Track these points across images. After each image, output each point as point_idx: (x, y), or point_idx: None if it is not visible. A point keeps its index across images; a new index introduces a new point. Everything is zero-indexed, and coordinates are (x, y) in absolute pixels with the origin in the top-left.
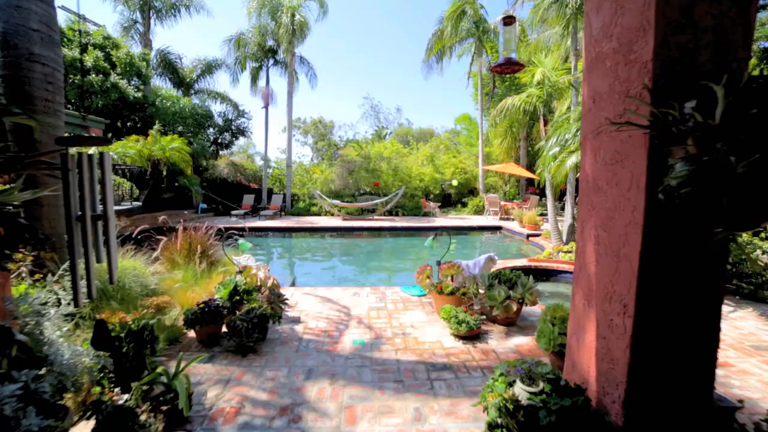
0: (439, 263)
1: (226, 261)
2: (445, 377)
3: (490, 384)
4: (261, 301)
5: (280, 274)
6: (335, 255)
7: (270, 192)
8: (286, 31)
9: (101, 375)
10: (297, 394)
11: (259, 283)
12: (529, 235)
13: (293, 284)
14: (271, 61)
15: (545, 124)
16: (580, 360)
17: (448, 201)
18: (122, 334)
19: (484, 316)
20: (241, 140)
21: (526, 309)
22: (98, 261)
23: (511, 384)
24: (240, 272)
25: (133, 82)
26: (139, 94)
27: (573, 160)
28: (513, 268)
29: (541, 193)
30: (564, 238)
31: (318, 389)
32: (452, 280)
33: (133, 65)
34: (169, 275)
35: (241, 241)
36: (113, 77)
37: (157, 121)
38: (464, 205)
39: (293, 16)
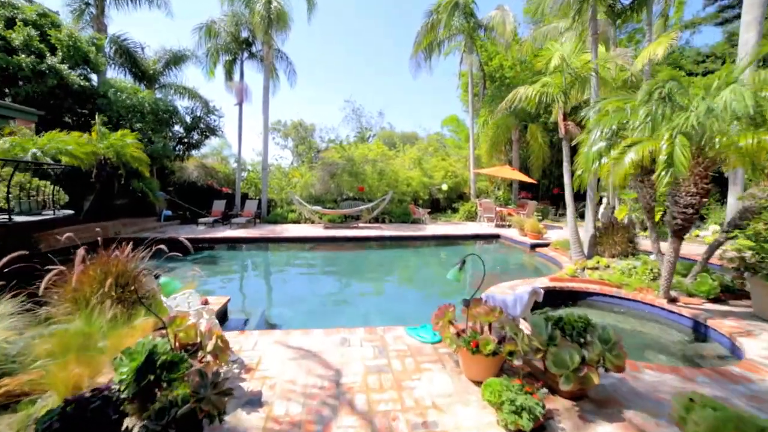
0: (467, 303)
1: (160, 298)
2: None
3: None
4: (192, 382)
5: (248, 300)
6: (315, 271)
7: (244, 197)
8: (261, 20)
9: None
10: None
11: (198, 340)
12: (533, 245)
13: (265, 321)
14: (246, 54)
15: (565, 118)
16: None
17: (437, 206)
18: None
19: (545, 389)
20: (216, 141)
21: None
22: None
23: None
24: (164, 327)
25: (83, 71)
26: (87, 83)
27: (632, 156)
28: None
29: (531, 197)
30: (585, 251)
31: None
32: (489, 329)
33: (79, 50)
34: (59, 328)
35: (163, 279)
36: (51, 60)
37: (98, 114)
38: (455, 210)
39: (269, 2)
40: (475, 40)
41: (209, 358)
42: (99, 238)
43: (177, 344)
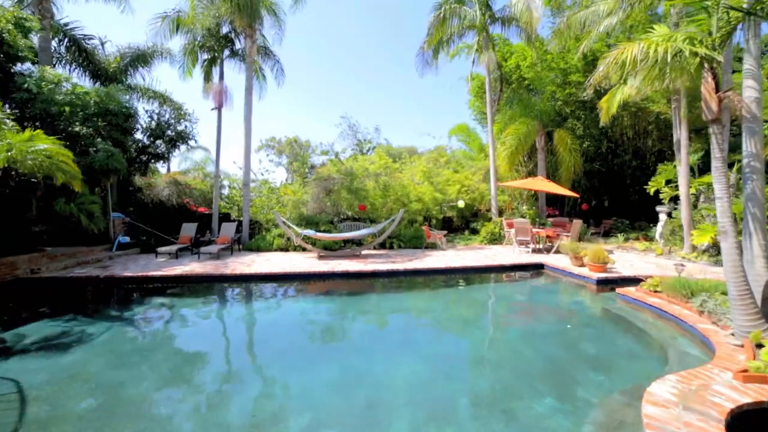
0: None
1: None
2: None
3: None
4: None
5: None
6: (301, 341)
7: (225, 219)
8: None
9: None
10: None
11: None
12: (600, 281)
13: None
14: (227, 52)
15: (717, 88)
16: None
17: (450, 226)
18: None
19: None
20: (199, 155)
21: None
22: None
23: None
24: None
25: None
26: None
27: None
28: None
29: (558, 214)
30: (760, 305)
31: None
32: None
33: None
34: None
35: None
36: None
37: None
38: (473, 231)
39: None
40: (490, 36)
41: None
42: None
43: None
